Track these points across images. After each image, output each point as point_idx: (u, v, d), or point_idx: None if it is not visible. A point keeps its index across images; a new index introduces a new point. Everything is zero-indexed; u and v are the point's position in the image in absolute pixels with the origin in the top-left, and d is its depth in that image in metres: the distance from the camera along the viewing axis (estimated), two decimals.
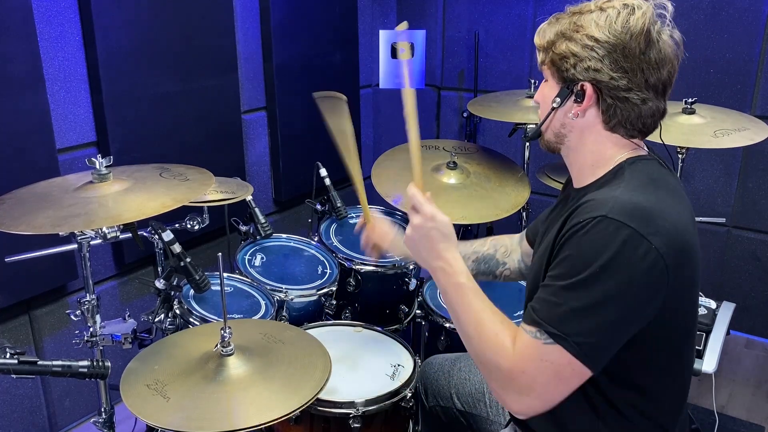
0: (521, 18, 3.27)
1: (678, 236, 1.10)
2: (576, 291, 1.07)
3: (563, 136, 1.26)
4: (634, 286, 1.06)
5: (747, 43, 2.73)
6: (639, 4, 1.16)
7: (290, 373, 1.43)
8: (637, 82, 1.15)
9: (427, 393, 1.75)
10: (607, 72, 1.15)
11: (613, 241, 1.05)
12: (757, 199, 2.89)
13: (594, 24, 1.15)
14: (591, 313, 1.06)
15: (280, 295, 2.01)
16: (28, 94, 2.05)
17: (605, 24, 1.14)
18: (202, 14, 2.54)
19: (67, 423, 2.43)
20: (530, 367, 1.11)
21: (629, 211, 1.08)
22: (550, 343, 1.08)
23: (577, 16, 1.18)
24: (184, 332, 1.72)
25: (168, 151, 2.47)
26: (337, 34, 3.25)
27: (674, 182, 1.23)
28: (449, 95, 3.62)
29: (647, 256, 1.06)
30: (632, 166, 1.20)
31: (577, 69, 1.17)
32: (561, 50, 1.18)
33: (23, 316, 2.22)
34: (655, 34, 1.15)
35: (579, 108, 1.20)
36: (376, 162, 2.53)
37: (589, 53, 1.15)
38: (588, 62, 1.15)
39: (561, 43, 1.18)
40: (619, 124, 1.20)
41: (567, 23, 1.19)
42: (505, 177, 2.45)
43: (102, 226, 1.62)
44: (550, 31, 1.21)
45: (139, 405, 1.33)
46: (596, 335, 1.07)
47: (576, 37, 1.16)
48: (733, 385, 2.75)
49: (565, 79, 1.20)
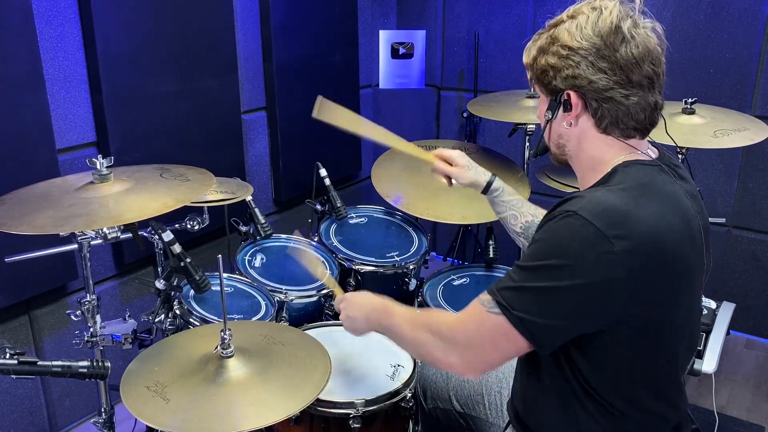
0: (521, 18, 3.27)
1: (653, 243, 1.08)
2: (532, 273, 1.11)
3: (563, 146, 1.29)
4: (588, 284, 1.06)
5: (747, 43, 2.73)
6: (605, 5, 1.18)
7: (290, 375, 1.43)
8: (617, 81, 1.17)
9: (426, 395, 1.75)
10: (585, 77, 1.17)
11: (575, 237, 1.07)
12: (757, 199, 2.89)
13: (566, 33, 1.19)
14: (539, 296, 1.10)
15: (280, 296, 2.01)
16: (28, 94, 2.05)
17: (576, 31, 1.18)
18: (202, 14, 2.54)
19: (67, 423, 2.43)
20: (471, 327, 1.18)
21: (600, 212, 1.08)
22: (495, 312, 1.13)
23: (553, 29, 1.22)
24: (184, 333, 1.72)
25: (168, 151, 2.47)
26: (337, 34, 3.25)
27: (670, 188, 1.20)
28: (449, 95, 3.62)
29: (607, 257, 1.05)
30: (624, 170, 1.20)
31: (557, 80, 1.21)
32: (541, 65, 1.23)
33: (23, 316, 2.22)
34: (627, 30, 1.16)
35: (570, 116, 1.23)
36: (376, 162, 2.53)
37: (566, 62, 1.19)
38: (565, 71, 1.19)
39: (540, 58, 1.23)
40: (612, 124, 1.21)
41: (545, 38, 1.23)
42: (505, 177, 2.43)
43: (103, 226, 1.62)
44: (532, 49, 1.27)
45: (139, 406, 1.33)
46: (541, 316, 1.10)
47: (552, 49, 1.21)
48: (733, 385, 2.75)
49: (551, 92, 1.24)
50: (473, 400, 1.65)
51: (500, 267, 2.34)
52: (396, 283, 2.29)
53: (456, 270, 2.33)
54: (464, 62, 3.51)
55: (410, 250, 2.35)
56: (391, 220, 2.53)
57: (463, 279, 2.28)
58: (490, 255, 2.36)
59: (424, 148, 2.63)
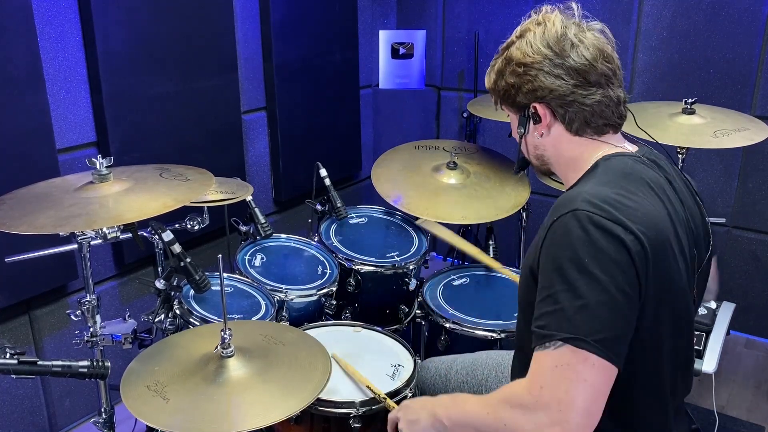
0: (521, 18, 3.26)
1: (651, 226, 1.11)
2: (569, 290, 1.06)
3: (541, 155, 1.33)
4: (622, 264, 1.06)
5: (747, 43, 2.73)
6: (548, 18, 1.25)
7: (290, 375, 1.43)
8: (575, 83, 1.21)
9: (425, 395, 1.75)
10: (545, 87, 1.23)
11: (586, 230, 1.07)
12: (757, 199, 2.89)
13: (518, 51, 1.26)
14: (593, 306, 1.05)
15: (280, 296, 2.01)
16: (28, 94, 2.05)
17: (527, 47, 1.24)
18: (202, 14, 2.54)
19: (67, 423, 2.43)
20: (547, 379, 1.07)
21: (597, 202, 1.10)
22: (560, 347, 1.05)
23: (506, 51, 1.30)
24: (184, 333, 1.72)
25: (168, 151, 2.47)
26: (337, 34, 3.25)
27: (654, 178, 1.22)
28: (449, 95, 3.62)
29: (624, 237, 1.07)
30: (606, 163, 1.23)
31: (520, 96, 1.27)
32: (502, 86, 1.30)
33: (23, 316, 2.22)
34: (574, 36, 1.22)
35: (541, 127, 1.28)
36: (376, 162, 2.53)
37: (523, 78, 1.25)
38: (525, 86, 1.25)
39: (500, 80, 1.30)
40: (582, 125, 1.25)
41: (500, 61, 1.31)
42: (505, 177, 2.45)
43: (103, 226, 1.62)
44: (491, 74, 1.34)
45: (139, 406, 1.33)
46: (608, 325, 1.05)
47: (508, 69, 1.28)
48: (733, 385, 2.75)
49: (518, 108, 1.30)
50: None
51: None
52: (396, 283, 2.29)
53: (456, 270, 2.33)
54: (464, 62, 3.51)
55: (410, 250, 2.35)
56: (391, 220, 2.53)
57: (463, 279, 2.28)
58: (490, 255, 2.36)
59: (425, 148, 2.65)
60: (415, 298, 2.34)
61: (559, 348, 1.06)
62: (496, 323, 2.00)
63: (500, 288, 2.26)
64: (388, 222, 2.53)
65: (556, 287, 1.08)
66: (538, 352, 1.09)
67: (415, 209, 2.30)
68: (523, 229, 2.74)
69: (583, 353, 1.04)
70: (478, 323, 2.00)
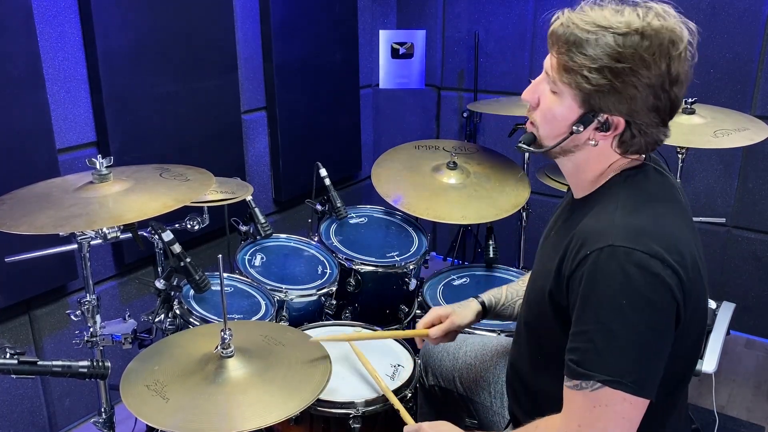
0: (521, 18, 3.26)
1: (683, 248, 1.10)
2: (604, 330, 1.05)
3: (570, 152, 1.22)
4: (658, 305, 1.06)
5: (747, 43, 2.73)
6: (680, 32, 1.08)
7: (290, 375, 1.43)
8: (664, 119, 1.14)
9: (428, 371, 1.74)
10: (641, 111, 1.10)
11: (624, 270, 1.04)
12: (757, 199, 2.89)
13: (638, 55, 1.06)
14: (631, 346, 1.05)
15: (280, 295, 2.01)
16: (28, 94, 2.05)
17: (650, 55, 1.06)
18: (202, 14, 2.54)
19: (67, 423, 2.43)
20: (584, 418, 1.08)
21: (632, 235, 1.07)
22: (598, 388, 1.06)
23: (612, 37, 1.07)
24: (184, 333, 1.72)
25: (168, 151, 2.47)
26: (337, 34, 3.25)
27: (670, 189, 1.21)
28: (449, 95, 3.62)
29: (662, 273, 1.05)
30: (627, 183, 1.18)
31: (617, 105, 1.10)
32: (598, 82, 1.09)
33: (23, 316, 2.22)
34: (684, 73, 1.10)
35: (599, 136, 1.15)
36: (376, 162, 2.53)
37: (631, 91, 1.08)
38: (630, 101, 1.09)
39: (597, 71, 1.08)
40: (633, 151, 1.17)
41: (612, 48, 1.07)
42: (505, 177, 2.45)
43: (103, 226, 1.62)
44: (576, 48, 1.09)
45: (138, 405, 1.32)
46: (643, 366, 1.06)
47: (615, 68, 1.07)
48: (733, 385, 2.75)
49: (588, 106, 1.13)
50: (479, 385, 1.63)
51: (500, 267, 2.34)
52: (396, 283, 2.29)
53: (456, 270, 2.33)
54: (464, 62, 3.50)
55: (410, 250, 2.35)
56: (391, 220, 2.53)
57: (463, 279, 2.28)
58: (490, 255, 2.36)
59: (425, 148, 2.64)
60: (415, 298, 2.34)
61: (597, 390, 1.06)
62: (495, 323, 1.99)
63: None
64: (388, 222, 2.53)
65: (592, 326, 1.07)
66: (574, 390, 1.10)
67: (415, 209, 2.30)
68: (523, 229, 2.74)
69: (620, 394, 1.05)
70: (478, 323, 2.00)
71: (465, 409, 1.66)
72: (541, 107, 1.21)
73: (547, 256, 1.26)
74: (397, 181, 2.41)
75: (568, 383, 1.11)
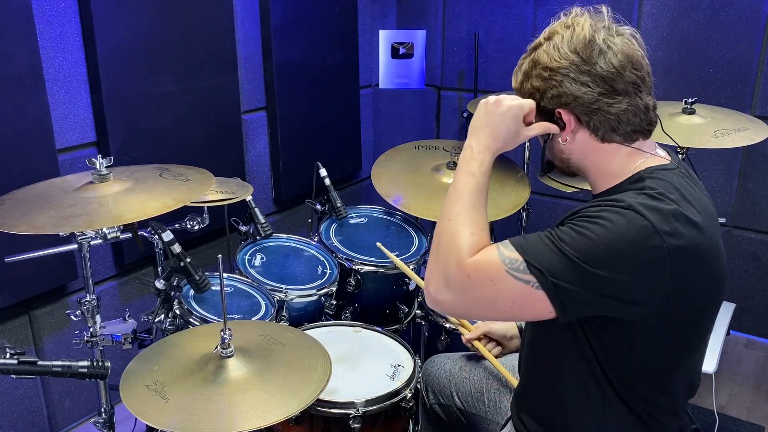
0: (521, 18, 3.27)
1: (695, 245, 1.11)
2: (578, 249, 1.08)
3: (567, 160, 1.29)
4: (634, 270, 1.07)
5: (747, 43, 2.73)
6: (577, 21, 1.20)
7: (290, 375, 1.43)
8: (601, 92, 1.17)
9: (428, 391, 1.76)
10: (570, 93, 1.18)
11: (630, 227, 1.07)
12: (757, 199, 2.89)
13: (545, 55, 1.20)
14: (582, 271, 1.07)
15: (280, 296, 2.01)
16: (28, 94, 2.05)
17: (554, 51, 1.19)
18: (202, 14, 2.54)
19: (67, 423, 2.43)
20: (478, 278, 1.14)
21: (651, 208, 1.10)
22: (519, 274, 1.10)
23: (533, 53, 1.24)
24: (184, 333, 1.72)
25: (168, 151, 2.47)
26: (337, 34, 3.25)
27: (696, 193, 1.22)
28: (449, 95, 3.62)
29: (657, 252, 1.07)
30: (652, 176, 1.20)
31: (545, 101, 1.22)
32: (527, 89, 1.25)
33: (23, 316, 2.22)
34: (603, 42, 1.17)
35: (565, 133, 1.24)
36: (376, 162, 2.53)
37: (549, 83, 1.20)
38: (550, 91, 1.21)
39: (526, 83, 1.25)
40: (608, 132, 1.21)
41: (527, 63, 1.25)
42: (505, 177, 2.45)
43: (103, 226, 1.62)
44: (518, 74, 1.28)
45: (138, 405, 1.33)
46: (578, 286, 1.08)
47: (534, 72, 1.22)
48: (733, 385, 2.75)
49: (542, 113, 1.25)
50: (474, 397, 1.66)
51: None
52: (396, 283, 2.29)
53: None
54: (464, 62, 3.50)
55: (410, 250, 2.35)
56: (391, 220, 2.53)
57: None
58: None
59: (425, 148, 2.64)
60: (415, 298, 2.34)
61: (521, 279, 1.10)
62: None
63: None
64: (388, 222, 2.53)
65: (565, 236, 1.10)
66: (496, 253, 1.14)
67: (415, 209, 2.30)
68: (523, 229, 2.74)
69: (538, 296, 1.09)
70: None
71: (466, 425, 1.68)
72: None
73: None
74: (397, 181, 2.41)
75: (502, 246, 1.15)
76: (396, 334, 1.95)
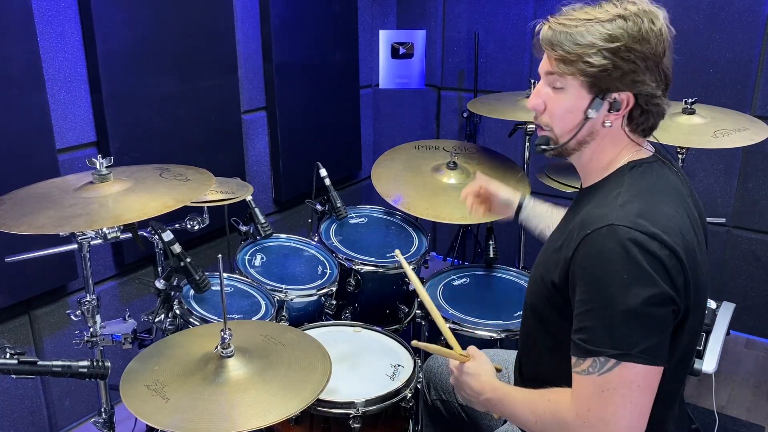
0: (521, 18, 3.27)
1: (681, 234, 1.12)
2: (611, 305, 1.08)
3: (586, 143, 1.25)
4: (658, 281, 1.08)
5: (747, 43, 2.73)
6: (656, 12, 1.18)
7: (290, 375, 1.43)
8: (663, 89, 1.19)
9: (430, 387, 1.75)
10: (645, 82, 1.16)
11: (626, 244, 1.07)
12: (757, 199, 2.89)
13: (627, 34, 1.14)
14: (636, 318, 1.07)
15: (280, 295, 2.01)
16: (28, 94, 2.05)
17: (637, 32, 1.14)
18: (202, 14, 2.54)
19: (67, 423, 2.43)
20: (593, 403, 1.11)
21: (632, 217, 1.10)
22: (606, 372, 1.08)
23: (600, 25, 1.15)
24: (184, 333, 1.72)
25: (168, 151, 2.47)
26: (337, 34, 3.25)
27: (674, 181, 1.23)
28: (449, 95, 3.62)
29: (660, 251, 1.08)
30: (632, 172, 1.21)
31: (622, 81, 1.16)
32: (600, 63, 1.15)
33: (23, 316, 2.22)
34: (667, 41, 1.18)
35: (612, 117, 1.20)
36: (376, 162, 2.53)
37: (630, 65, 1.15)
38: (631, 75, 1.15)
39: (596, 55, 1.14)
40: (645, 129, 1.22)
41: (600, 35, 1.14)
42: (505, 177, 2.44)
43: (103, 226, 1.62)
44: (569, 40, 1.16)
45: (138, 405, 1.33)
46: (651, 335, 1.08)
47: (612, 48, 1.14)
48: (733, 385, 2.75)
49: (598, 90, 1.18)
50: None
51: (500, 267, 2.34)
52: (396, 283, 2.29)
53: (456, 270, 2.33)
54: (464, 62, 3.51)
55: (410, 250, 2.35)
56: (391, 220, 2.53)
57: (463, 279, 2.28)
58: (490, 255, 2.36)
59: (425, 148, 2.64)
60: (415, 298, 2.34)
61: (604, 374, 1.09)
62: (496, 323, 2.00)
63: (500, 288, 2.26)
64: (388, 222, 2.53)
65: (595, 303, 1.10)
66: (582, 376, 1.12)
67: (415, 209, 2.30)
68: (523, 229, 2.74)
69: (631, 368, 1.07)
70: (478, 323, 2.00)
71: (467, 422, 1.67)
72: (549, 108, 1.25)
73: (549, 245, 1.30)
74: (397, 181, 2.41)
75: (576, 368, 1.13)
76: (396, 334, 1.95)
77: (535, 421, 1.22)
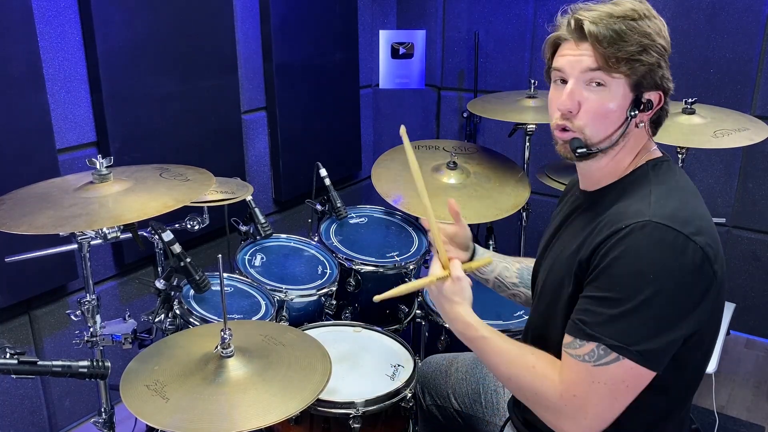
0: (521, 18, 3.27)
1: (714, 235, 1.13)
2: (628, 299, 1.06)
3: (617, 144, 1.20)
4: (686, 286, 1.07)
5: (747, 43, 2.73)
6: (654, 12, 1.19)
7: (290, 375, 1.43)
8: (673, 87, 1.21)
9: (425, 392, 1.75)
10: (669, 79, 1.19)
11: (661, 244, 1.06)
12: (757, 199, 2.89)
13: (655, 33, 1.15)
14: (650, 319, 1.06)
15: (280, 295, 2.01)
16: (28, 94, 2.05)
17: (659, 32, 1.16)
18: (202, 14, 2.54)
19: (67, 423, 2.43)
20: (580, 390, 1.11)
21: (669, 216, 1.09)
22: (607, 361, 1.07)
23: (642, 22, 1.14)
24: (184, 333, 1.72)
25: (168, 151, 2.47)
26: (337, 34, 3.25)
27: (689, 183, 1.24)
28: (449, 95, 3.62)
29: (695, 256, 1.07)
30: (655, 170, 1.20)
31: (661, 79, 1.18)
32: (651, 60, 1.14)
33: (23, 316, 2.22)
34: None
35: (646, 116, 1.20)
36: (376, 162, 2.53)
37: (665, 63, 1.18)
38: (666, 72, 1.18)
39: (647, 52, 1.14)
40: (659, 128, 1.24)
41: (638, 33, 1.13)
42: (505, 177, 2.45)
43: (103, 226, 1.62)
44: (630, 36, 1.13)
45: (138, 405, 1.33)
46: (657, 339, 1.07)
47: (662, 45, 1.16)
48: (733, 385, 2.75)
49: (640, 88, 1.17)
50: (471, 398, 1.65)
51: None
52: (396, 283, 2.28)
53: None
54: (464, 62, 3.51)
55: (410, 250, 2.35)
56: (391, 220, 2.53)
57: None
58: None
59: (425, 148, 2.64)
60: (415, 298, 2.34)
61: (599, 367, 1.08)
62: (496, 323, 2.00)
63: None
64: (388, 222, 2.53)
65: (612, 293, 1.08)
66: (575, 360, 1.11)
67: (415, 209, 2.30)
68: (523, 229, 2.74)
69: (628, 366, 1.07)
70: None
71: (464, 426, 1.67)
72: (585, 108, 1.18)
73: (563, 248, 1.26)
74: (397, 181, 2.41)
75: (571, 349, 1.12)
76: (396, 334, 1.95)
77: (509, 378, 1.21)
